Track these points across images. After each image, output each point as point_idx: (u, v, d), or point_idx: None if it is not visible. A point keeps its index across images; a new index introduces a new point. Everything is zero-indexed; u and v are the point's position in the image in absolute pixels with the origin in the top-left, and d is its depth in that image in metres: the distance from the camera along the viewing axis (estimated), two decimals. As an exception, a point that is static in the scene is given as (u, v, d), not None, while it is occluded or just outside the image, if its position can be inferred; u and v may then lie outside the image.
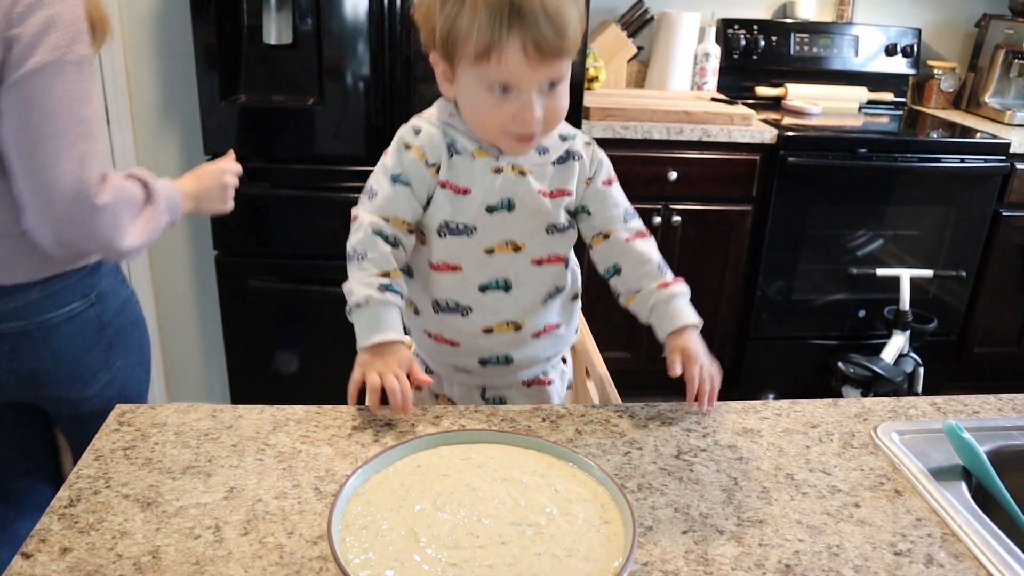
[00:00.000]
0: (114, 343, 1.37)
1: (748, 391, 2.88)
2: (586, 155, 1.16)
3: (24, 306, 1.25)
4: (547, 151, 1.13)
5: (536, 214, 1.13)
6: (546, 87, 1.02)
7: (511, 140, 1.06)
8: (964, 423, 1.00)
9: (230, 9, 2.19)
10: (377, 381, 0.99)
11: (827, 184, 2.61)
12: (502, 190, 1.11)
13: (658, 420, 1.05)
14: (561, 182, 1.14)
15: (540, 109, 1.02)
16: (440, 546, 0.73)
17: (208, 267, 2.50)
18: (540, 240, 1.15)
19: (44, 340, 1.28)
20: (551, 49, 0.97)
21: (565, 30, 0.98)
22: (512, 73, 0.99)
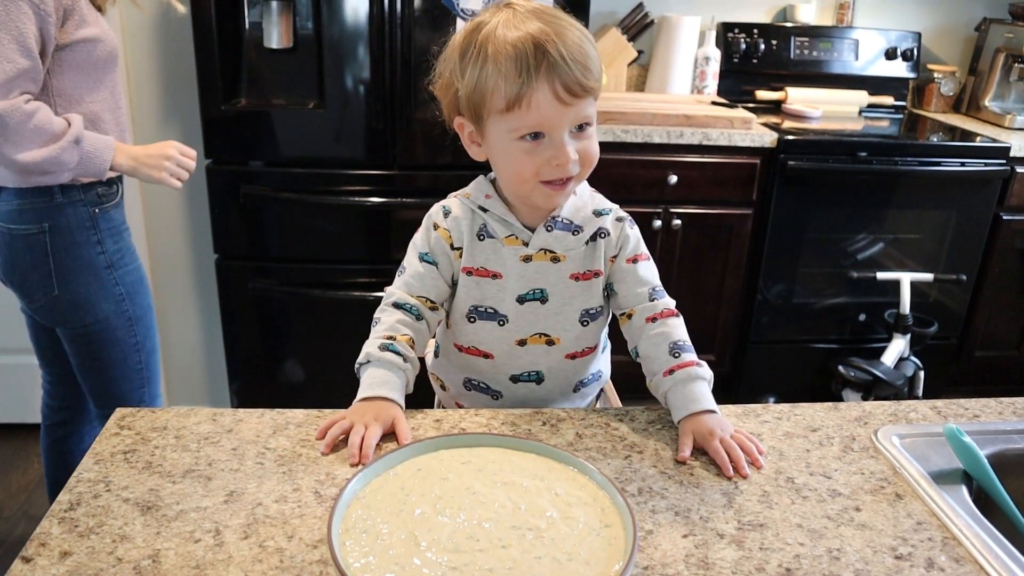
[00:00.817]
0: (58, 274, 1.63)
1: (748, 395, 2.88)
2: (613, 232, 1.12)
3: (4, 213, 1.58)
4: (580, 230, 1.10)
5: (570, 303, 1.11)
6: (575, 129, 1.01)
7: (545, 189, 1.03)
8: (965, 427, 1.00)
9: (231, 13, 2.20)
10: (345, 425, 0.97)
11: (827, 188, 2.61)
12: (534, 279, 1.10)
13: (658, 424, 1.05)
14: (591, 262, 1.11)
15: (574, 151, 1.00)
16: (440, 550, 0.73)
17: (208, 270, 2.50)
18: (576, 334, 1.13)
19: (8, 244, 1.60)
20: (580, 88, 0.97)
21: (590, 68, 0.98)
22: (544, 116, 0.98)
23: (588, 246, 1.11)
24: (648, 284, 1.14)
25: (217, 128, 2.22)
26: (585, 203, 1.12)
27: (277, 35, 2.19)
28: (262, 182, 2.26)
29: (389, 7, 2.13)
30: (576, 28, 1.00)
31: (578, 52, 0.97)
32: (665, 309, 1.12)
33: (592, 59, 0.99)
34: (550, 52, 0.96)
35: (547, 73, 0.96)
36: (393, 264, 2.47)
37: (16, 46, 1.40)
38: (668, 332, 1.10)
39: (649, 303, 1.12)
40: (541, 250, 1.09)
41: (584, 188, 1.14)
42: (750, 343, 2.80)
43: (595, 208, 1.12)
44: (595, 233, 1.11)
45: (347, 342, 1.93)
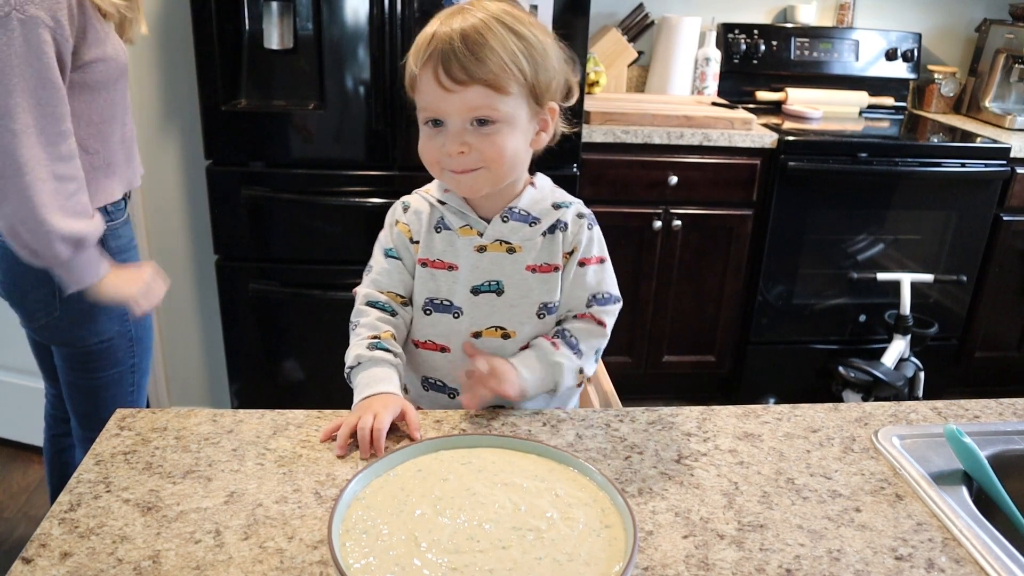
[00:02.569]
0: (60, 296, 1.52)
1: (749, 395, 2.88)
2: (572, 227, 1.10)
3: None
4: (538, 222, 1.09)
5: (527, 295, 1.10)
6: (474, 123, 1.00)
7: (452, 175, 1.04)
8: (965, 427, 1.00)
9: (231, 14, 2.20)
10: (353, 422, 0.96)
11: (828, 188, 2.61)
12: (488, 271, 1.09)
13: (659, 425, 1.05)
14: (548, 255, 1.10)
15: (462, 143, 1.00)
16: (440, 551, 0.73)
17: (209, 271, 2.50)
18: (533, 327, 1.11)
19: (8, 261, 1.48)
20: (462, 74, 0.96)
21: (484, 57, 0.96)
22: (429, 101, 1.00)
23: (546, 238, 1.10)
24: (591, 290, 1.12)
25: (217, 128, 2.22)
26: (545, 196, 1.11)
27: (277, 35, 2.19)
28: (262, 183, 2.26)
29: (389, 7, 2.13)
30: (501, 24, 0.98)
31: (472, 40, 0.96)
32: (596, 317, 1.11)
33: (493, 50, 0.96)
34: (441, 39, 0.97)
35: (432, 58, 0.98)
36: (393, 265, 2.47)
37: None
38: (574, 328, 1.11)
39: (584, 308, 1.12)
40: (496, 240, 1.09)
41: (544, 181, 1.13)
42: (750, 344, 2.80)
43: (555, 201, 1.11)
44: (553, 225, 1.10)
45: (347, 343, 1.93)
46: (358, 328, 1.10)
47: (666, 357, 2.82)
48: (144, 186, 2.53)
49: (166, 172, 2.53)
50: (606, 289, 1.12)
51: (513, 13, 1.01)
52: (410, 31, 2.15)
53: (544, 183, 1.13)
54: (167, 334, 2.72)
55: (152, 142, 2.49)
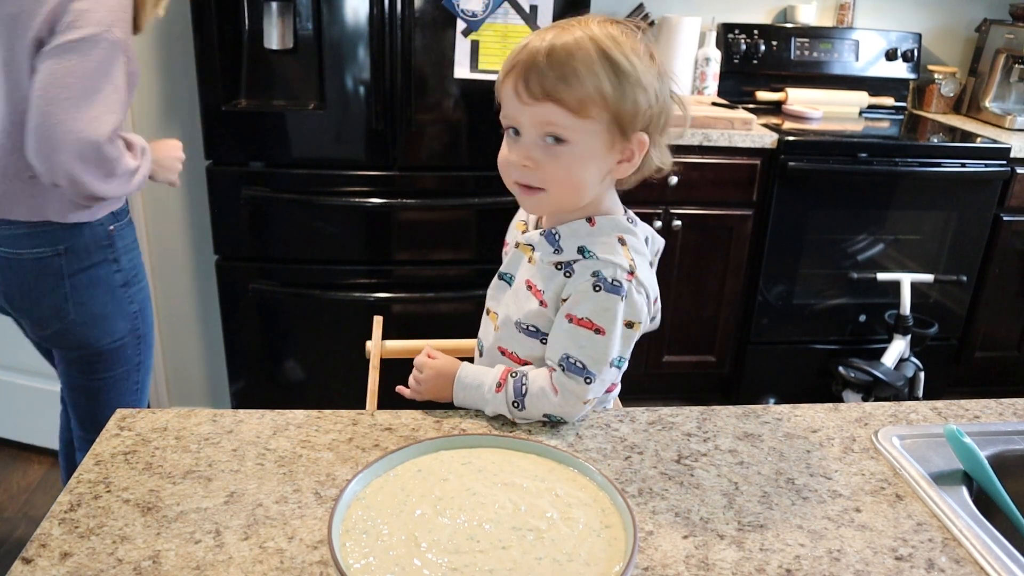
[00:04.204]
0: (72, 298, 1.56)
1: (749, 395, 2.88)
2: (578, 278, 1.02)
3: (9, 237, 1.51)
4: (560, 252, 1.05)
5: (515, 302, 1.09)
6: (549, 140, 0.98)
7: (517, 189, 1.04)
8: (965, 428, 1.00)
9: (231, 14, 2.20)
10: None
11: (828, 189, 2.61)
12: (512, 264, 1.13)
13: (659, 425, 1.05)
14: (543, 284, 1.06)
15: (528, 157, 0.99)
16: (441, 551, 0.73)
17: (208, 271, 2.50)
18: (510, 332, 1.09)
19: (15, 271, 1.53)
20: (537, 88, 0.96)
21: (563, 75, 0.95)
22: (506, 109, 1.01)
23: (555, 269, 1.05)
24: (566, 350, 1.01)
25: (217, 129, 2.22)
26: (585, 238, 1.04)
27: (277, 36, 2.19)
28: (262, 183, 2.26)
29: (389, 8, 2.13)
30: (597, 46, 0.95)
31: (560, 57, 0.95)
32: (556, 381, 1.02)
33: (577, 72, 0.94)
34: (530, 51, 0.97)
35: (516, 69, 0.98)
36: (393, 265, 2.48)
37: (118, 96, 1.43)
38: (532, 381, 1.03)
39: (556, 363, 1.03)
40: (528, 244, 1.10)
41: (606, 227, 1.05)
42: (750, 344, 2.80)
43: (584, 246, 1.03)
44: (565, 264, 1.04)
45: (347, 343, 1.94)
46: None
47: (666, 357, 2.82)
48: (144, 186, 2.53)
49: (166, 172, 2.53)
50: (581, 358, 1.00)
51: (616, 38, 0.97)
52: (410, 31, 2.16)
53: (607, 227, 1.05)
54: (167, 334, 2.72)
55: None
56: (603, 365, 1.01)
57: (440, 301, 2.39)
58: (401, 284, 2.38)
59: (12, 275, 1.54)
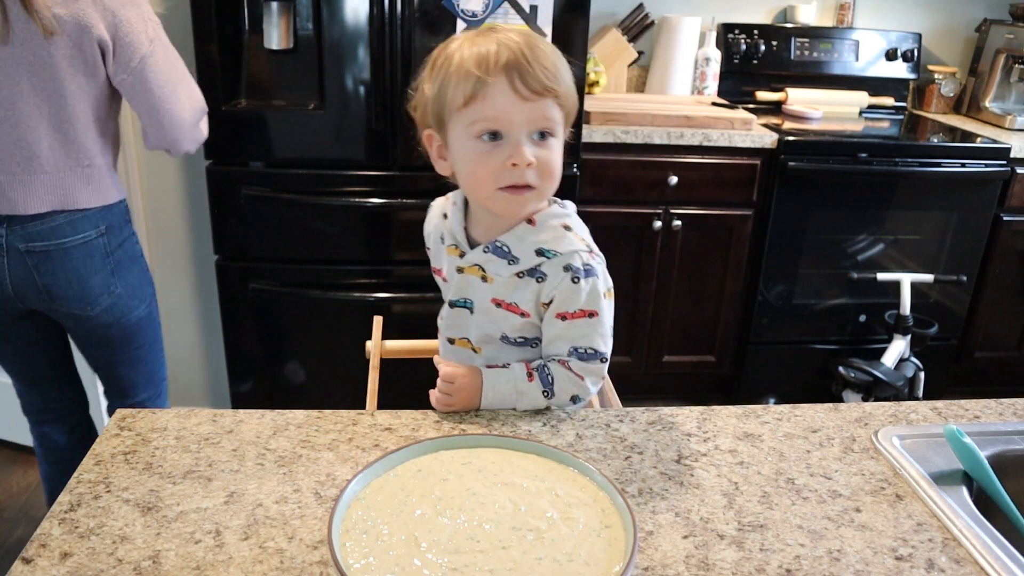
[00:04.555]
0: (115, 271, 1.70)
1: (749, 395, 2.88)
2: (552, 280, 1.04)
3: (48, 230, 1.59)
4: (516, 261, 1.06)
5: (493, 322, 1.10)
6: (536, 136, 1.00)
7: (505, 194, 1.01)
8: (965, 428, 1.00)
9: (231, 14, 2.20)
10: None
11: (828, 188, 2.61)
12: (462, 289, 1.11)
13: (659, 425, 1.05)
14: (517, 297, 1.07)
15: (531, 155, 0.99)
16: (441, 551, 0.73)
17: (208, 271, 2.50)
18: (496, 348, 1.11)
19: (60, 261, 1.62)
20: (540, 86, 0.97)
21: (555, 75, 0.99)
22: (500, 110, 0.97)
23: (520, 279, 1.06)
24: (572, 343, 1.06)
25: (217, 128, 2.21)
26: (535, 237, 1.05)
27: (277, 35, 2.19)
28: (262, 183, 2.26)
29: (389, 8, 2.13)
30: (544, 42, 1.02)
31: (545, 59, 0.98)
32: (577, 368, 1.06)
33: (560, 70, 0.99)
34: (512, 51, 0.97)
35: (507, 68, 0.97)
36: (393, 265, 2.48)
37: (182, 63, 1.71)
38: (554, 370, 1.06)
39: (565, 356, 1.07)
40: (474, 265, 1.09)
41: (547, 221, 1.07)
42: (750, 344, 2.80)
43: (540, 247, 1.05)
44: (530, 271, 1.05)
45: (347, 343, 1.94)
46: None
47: (666, 357, 2.82)
48: (144, 186, 2.53)
49: (166, 172, 2.53)
50: (589, 345, 1.05)
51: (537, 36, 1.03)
52: (410, 31, 2.16)
53: (549, 222, 1.07)
54: (167, 334, 2.72)
55: (152, 142, 2.49)
56: (606, 340, 1.07)
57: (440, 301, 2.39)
58: (401, 284, 2.38)
59: (57, 266, 1.62)
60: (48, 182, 1.58)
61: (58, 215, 1.60)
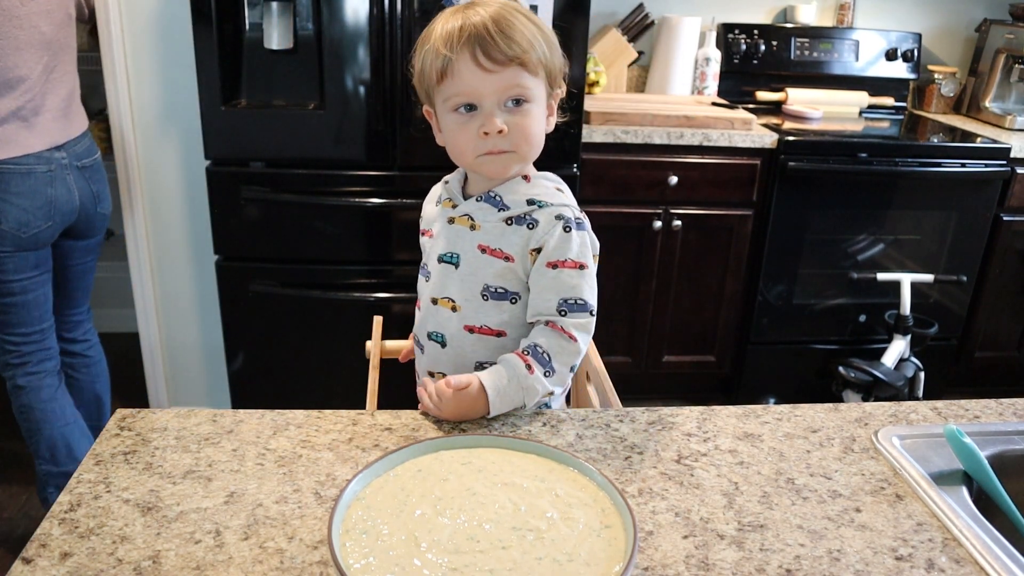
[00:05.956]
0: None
1: (749, 395, 2.88)
2: (544, 225, 1.08)
3: (86, 149, 2.04)
4: (507, 208, 1.10)
5: (475, 273, 1.11)
6: (510, 103, 1.05)
7: (485, 158, 1.08)
8: (965, 428, 1.00)
9: (231, 14, 2.20)
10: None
11: (828, 188, 2.61)
12: (451, 242, 1.14)
13: (659, 425, 1.05)
14: (504, 243, 1.09)
15: (501, 122, 1.05)
16: (441, 551, 0.73)
17: (209, 271, 2.50)
18: (475, 306, 1.12)
19: (99, 171, 2.09)
20: (501, 55, 1.02)
21: (516, 39, 1.02)
22: (467, 84, 1.04)
23: (508, 226, 1.10)
24: (561, 294, 1.07)
25: (217, 128, 2.22)
26: (528, 190, 1.11)
27: (277, 36, 2.19)
28: (262, 183, 2.26)
29: (389, 7, 2.13)
30: (518, 12, 1.05)
31: (504, 24, 1.03)
32: (569, 327, 1.06)
33: (522, 33, 1.03)
34: (474, 24, 1.02)
35: (468, 42, 1.02)
36: (393, 265, 2.48)
37: None
38: (545, 344, 1.06)
39: (555, 313, 1.07)
40: (464, 215, 1.13)
41: (540, 179, 1.13)
42: (750, 344, 2.80)
43: (532, 197, 1.10)
44: (519, 217, 1.09)
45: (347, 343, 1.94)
46: None
47: (666, 357, 2.82)
48: (144, 186, 2.53)
49: (166, 172, 2.53)
50: (579, 295, 1.07)
51: (517, 5, 1.07)
52: (410, 31, 2.16)
53: (542, 182, 1.13)
54: (167, 334, 2.72)
55: (152, 141, 2.49)
56: (594, 294, 1.09)
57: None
58: (401, 284, 2.38)
59: (98, 175, 2.08)
60: (76, 110, 2.02)
61: (85, 137, 2.04)
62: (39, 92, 1.89)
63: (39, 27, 1.86)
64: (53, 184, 1.92)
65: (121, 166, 2.48)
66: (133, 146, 2.47)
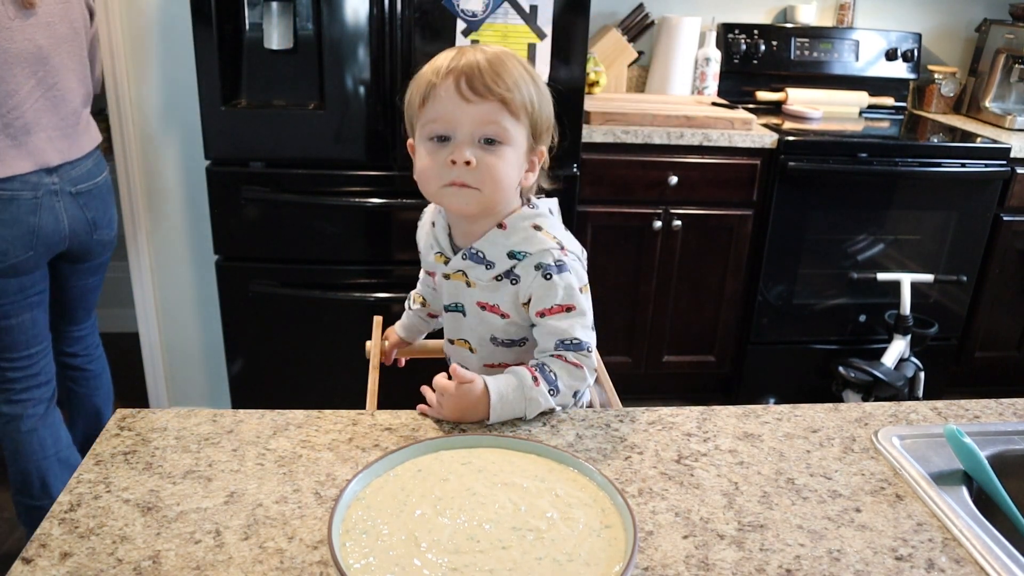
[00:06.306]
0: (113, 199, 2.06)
1: (749, 395, 2.88)
2: (525, 280, 1.09)
3: (86, 173, 1.92)
4: (492, 266, 1.10)
5: (481, 324, 1.15)
6: (483, 141, 1.04)
7: (449, 189, 1.05)
8: (965, 428, 1.00)
9: (231, 14, 2.20)
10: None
11: (828, 189, 2.61)
12: (452, 294, 1.17)
13: (659, 425, 1.05)
14: (498, 299, 1.12)
15: (471, 156, 1.03)
16: (441, 551, 0.73)
17: (209, 272, 2.50)
18: (489, 349, 1.17)
19: (98, 196, 1.97)
20: (483, 87, 1.02)
21: (503, 76, 1.02)
22: (445, 110, 1.03)
23: (499, 282, 1.11)
24: (557, 337, 1.09)
25: (217, 128, 2.22)
26: (506, 241, 1.09)
27: (277, 36, 2.19)
28: (262, 183, 2.26)
29: (389, 8, 2.13)
30: (516, 60, 1.06)
31: (503, 70, 1.03)
32: (572, 359, 1.08)
33: (511, 74, 1.03)
34: (469, 61, 1.03)
35: (454, 72, 1.03)
36: (393, 265, 2.48)
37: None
38: (554, 365, 1.07)
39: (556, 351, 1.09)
40: (458, 271, 1.14)
41: (517, 224, 1.10)
42: (750, 344, 2.80)
43: (511, 249, 1.09)
44: (506, 273, 1.10)
45: (347, 343, 1.93)
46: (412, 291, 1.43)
47: (666, 357, 2.82)
48: (144, 186, 2.53)
49: (166, 172, 2.53)
50: (573, 336, 1.08)
51: (520, 58, 1.08)
52: (410, 31, 2.16)
53: (518, 225, 1.10)
54: (167, 334, 2.72)
55: (152, 141, 2.49)
56: (587, 330, 1.10)
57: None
58: (401, 284, 2.38)
59: (97, 201, 1.96)
60: (81, 130, 1.92)
61: (86, 160, 1.93)
62: (31, 109, 1.77)
63: (35, 40, 1.75)
64: (37, 212, 1.80)
65: (121, 166, 2.48)
66: (133, 146, 2.47)
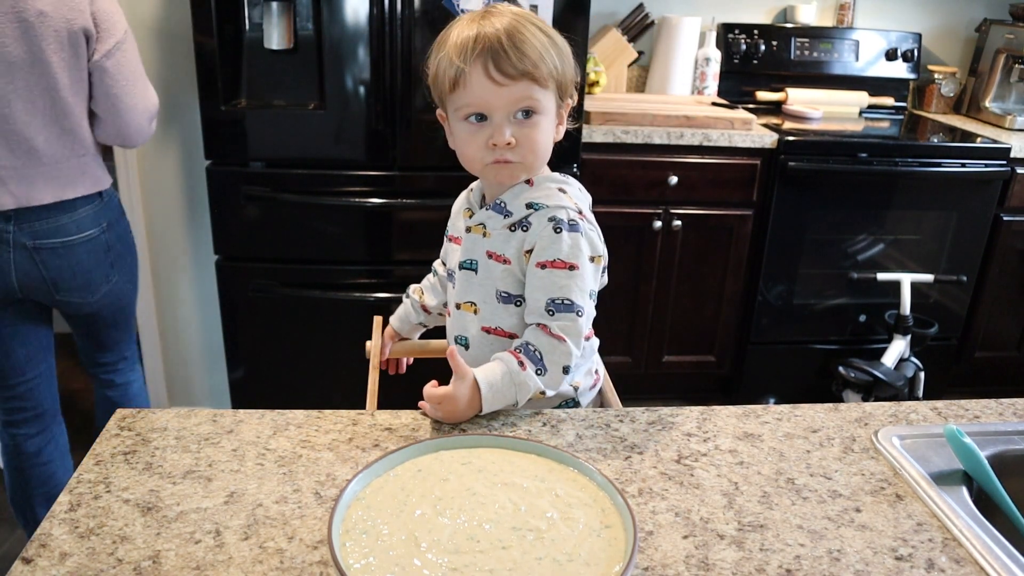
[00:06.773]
0: (115, 263, 1.81)
1: (749, 395, 2.88)
2: (536, 227, 1.10)
3: (55, 228, 1.67)
4: (510, 215, 1.13)
5: (489, 278, 1.15)
6: (519, 115, 1.07)
7: (492, 167, 1.10)
8: (965, 428, 1.00)
9: (231, 14, 2.20)
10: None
11: (828, 189, 2.61)
12: (468, 249, 1.17)
13: (659, 425, 1.05)
14: (504, 247, 1.13)
15: (509, 134, 1.07)
16: (441, 551, 0.73)
17: (209, 272, 2.50)
18: (491, 308, 1.16)
19: (67, 256, 1.70)
20: (512, 70, 1.04)
21: (528, 53, 1.04)
22: (478, 96, 1.05)
23: (512, 232, 1.13)
24: (548, 294, 1.08)
25: (217, 128, 2.22)
26: (529, 195, 1.12)
27: (277, 36, 2.19)
28: (262, 183, 2.26)
29: (389, 7, 2.13)
30: (532, 24, 1.07)
31: (517, 39, 1.04)
32: (557, 329, 1.07)
33: (533, 47, 1.04)
34: (488, 37, 1.04)
35: (481, 55, 1.04)
36: (393, 265, 2.48)
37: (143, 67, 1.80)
38: (538, 343, 1.07)
39: (544, 314, 1.08)
40: (479, 223, 1.16)
41: (544, 183, 1.13)
42: (750, 344, 2.80)
43: (531, 200, 1.12)
44: (519, 222, 1.12)
45: (347, 343, 1.93)
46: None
47: (666, 357, 2.82)
48: (144, 186, 2.53)
49: (166, 172, 2.53)
50: (566, 296, 1.07)
51: (533, 16, 1.09)
52: (410, 31, 2.16)
53: (545, 184, 1.14)
54: (167, 334, 2.72)
55: (153, 141, 2.49)
56: (584, 296, 1.09)
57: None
58: (401, 284, 2.36)
59: (63, 262, 1.71)
60: (48, 174, 1.65)
61: (62, 214, 1.68)
62: None
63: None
64: None
65: (121, 166, 2.48)
66: (133, 146, 2.47)
